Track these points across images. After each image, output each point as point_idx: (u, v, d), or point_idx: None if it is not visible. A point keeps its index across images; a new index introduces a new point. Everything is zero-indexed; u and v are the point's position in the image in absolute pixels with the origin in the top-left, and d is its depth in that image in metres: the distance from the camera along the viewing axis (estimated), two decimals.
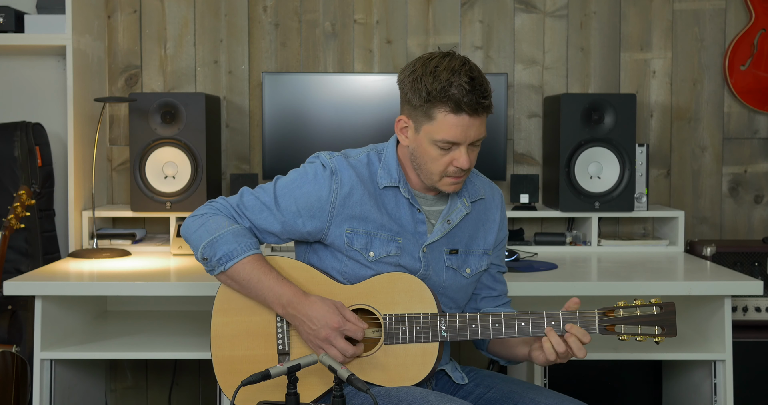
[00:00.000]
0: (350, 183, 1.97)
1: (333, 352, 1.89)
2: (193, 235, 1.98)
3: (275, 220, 1.99)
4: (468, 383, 2.08)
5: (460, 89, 1.85)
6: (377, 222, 1.98)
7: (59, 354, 2.58)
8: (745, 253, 3.07)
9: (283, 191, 1.99)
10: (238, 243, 1.94)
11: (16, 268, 3.03)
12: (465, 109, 1.86)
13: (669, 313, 1.90)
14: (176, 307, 3.15)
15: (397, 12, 3.39)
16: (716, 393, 2.63)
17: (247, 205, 2.00)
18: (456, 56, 1.91)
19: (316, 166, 2.00)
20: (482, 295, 2.13)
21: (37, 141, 3.12)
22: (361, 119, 3.16)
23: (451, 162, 1.92)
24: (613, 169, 3.12)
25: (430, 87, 1.87)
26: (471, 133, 1.89)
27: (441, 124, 1.88)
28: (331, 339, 1.88)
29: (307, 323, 1.90)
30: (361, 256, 1.97)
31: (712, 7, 3.41)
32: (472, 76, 1.86)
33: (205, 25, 3.39)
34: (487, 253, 2.09)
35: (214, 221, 1.97)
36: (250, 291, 1.95)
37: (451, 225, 2.03)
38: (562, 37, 3.42)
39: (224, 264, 1.94)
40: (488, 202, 2.11)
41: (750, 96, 3.38)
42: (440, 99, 1.86)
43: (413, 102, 1.91)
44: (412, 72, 1.91)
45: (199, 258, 1.97)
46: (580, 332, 1.86)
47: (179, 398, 3.41)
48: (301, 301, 1.91)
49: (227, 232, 1.95)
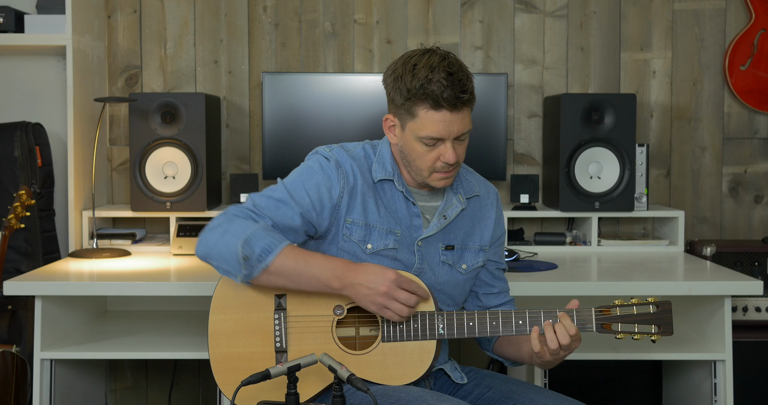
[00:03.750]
0: (353, 174, 1.99)
1: (397, 307, 1.86)
2: (216, 245, 1.90)
3: (294, 213, 1.95)
4: (467, 383, 2.09)
5: (439, 85, 1.86)
6: (375, 214, 1.99)
7: (59, 354, 2.58)
8: (745, 253, 3.07)
9: (293, 185, 1.97)
10: (272, 237, 1.89)
11: (16, 268, 3.03)
12: (444, 105, 1.87)
13: (665, 311, 1.90)
14: (176, 307, 3.15)
15: (397, 12, 3.39)
16: (716, 393, 2.63)
17: (262, 205, 1.96)
18: (436, 52, 1.92)
19: (319, 159, 2.00)
20: (481, 292, 2.13)
21: (37, 141, 3.12)
22: (361, 119, 3.16)
23: (438, 157, 1.93)
24: (613, 169, 3.12)
25: (409, 85, 1.88)
26: (454, 127, 1.90)
27: (423, 121, 1.90)
28: (391, 292, 1.86)
29: (365, 284, 1.86)
30: (359, 248, 1.98)
31: (712, 7, 3.41)
32: (450, 72, 1.87)
33: (205, 25, 3.39)
34: (483, 249, 2.09)
35: (238, 224, 1.91)
36: (300, 278, 1.90)
37: (447, 220, 2.03)
38: (562, 37, 3.42)
39: (265, 259, 1.87)
40: (483, 199, 2.12)
41: (750, 96, 3.38)
42: (420, 96, 1.88)
43: (396, 101, 1.93)
44: (393, 71, 1.94)
45: (239, 259, 1.87)
46: (568, 322, 1.86)
47: (179, 398, 3.41)
48: (356, 267, 1.89)
49: (258, 229, 1.90)
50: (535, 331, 1.88)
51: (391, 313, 1.88)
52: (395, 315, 1.88)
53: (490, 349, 2.14)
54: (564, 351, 1.87)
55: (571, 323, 1.86)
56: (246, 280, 1.92)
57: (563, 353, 1.88)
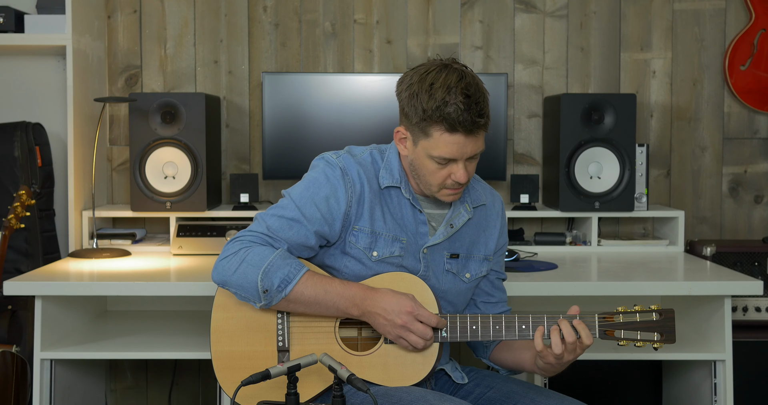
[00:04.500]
0: (360, 181, 1.97)
1: (413, 339, 1.88)
2: (234, 275, 1.89)
3: (308, 232, 1.94)
4: (468, 383, 2.08)
5: (455, 108, 1.83)
6: (381, 222, 1.98)
7: (59, 354, 2.58)
8: (745, 253, 3.07)
9: (303, 201, 1.95)
10: (289, 266, 1.88)
11: (16, 268, 3.03)
12: (460, 129, 1.85)
13: (668, 319, 1.90)
14: (176, 307, 3.15)
15: (397, 12, 3.39)
16: (716, 393, 2.63)
17: (275, 227, 1.94)
18: (453, 68, 1.88)
19: (325, 169, 1.98)
20: (479, 300, 2.12)
21: (37, 141, 3.12)
22: (361, 119, 3.16)
23: (449, 175, 1.92)
24: (613, 169, 3.12)
25: (425, 106, 1.85)
26: (468, 149, 1.88)
27: (437, 142, 1.88)
28: (408, 325, 1.87)
29: (382, 315, 1.88)
30: (364, 255, 1.97)
31: (712, 7, 3.41)
32: (467, 94, 1.84)
33: (205, 25, 3.39)
34: (488, 259, 2.09)
35: (255, 253, 1.89)
36: (319, 306, 1.90)
37: (454, 229, 2.03)
38: (562, 37, 3.42)
39: (284, 290, 1.87)
40: (489, 208, 2.11)
41: (750, 96, 3.39)
42: (435, 119, 1.85)
43: (410, 118, 1.90)
44: (409, 86, 1.89)
45: (259, 292, 1.87)
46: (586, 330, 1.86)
47: (179, 398, 3.41)
48: (374, 295, 1.89)
49: (276, 258, 1.88)
50: (539, 331, 1.88)
51: (407, 344, 1.90)
52: (410, 346, 1.90)
53: (487, 356, 2.13)
54: (569, 354, 1.85)
55: (589, 333, 1.85)
56: (265, 308, 1.92)
57: (568, 357, 1.86)
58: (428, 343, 1.90)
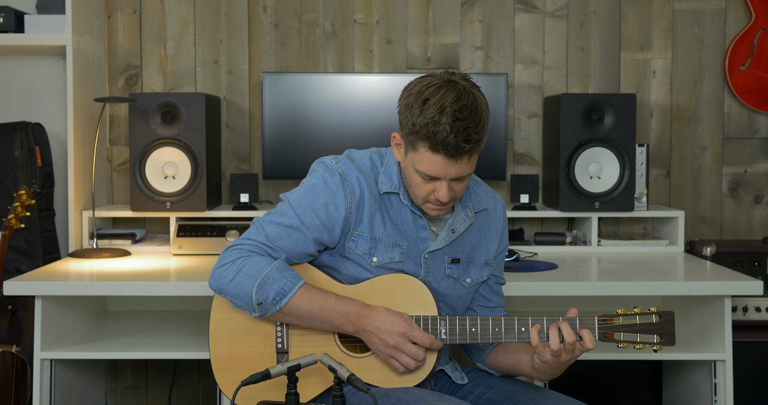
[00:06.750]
0: (359, 187, 1.96)
1: (404, 360, 1.87)
2: (231, 284, 1.89)
3: (307, 240, 1.93)
4: (468, 383, 2.08)
5: (442, 129, 1.80)
6: (381, 228, 1.97)
7: (59, 354, 2.58)
8: (745, 253, 3.07)
9: (301, 208, 1.94)
10: (285, 278, 1.88)
11: (16, 268, 3.03)
12: (441, 151, 1.82)
13: (668, 322, 1.89)
14: (176, 307, 3.15)
15: (397, 12, 3.39)
16: (716, 393, 2.63)
17: (273, 235, 1.93)
18: (454, 87, 1.83)
19: (324, 174, 1.97)
20: (477, 304, 2.12)
21: (37, 141, 3.12)
22: (361, 119, 3.16)
23: (433, 191, 1.90)
24: (613, 169, 3.12)
25: (415, 120, 1.83)
26: (451, 171, 1.86)
27: (422, 158, 1.86)
28: (400, 346, 1.86)
29: (375, 334, 1.87)
30: (364, 260, 1.97)
31: (712, 7, 3.41)
32: (458, 117, 1.79)
33: (205, 25, 3.39)
34: (489, 263, 2.08)
35: (253, 263, 1.89)
36: (313, 321, 1.90)
37: (456, 234, 2.02)
38: (562, 37, 3.42)
39: (278, 303, 1.87)
40: (491, 212, 2.10)
41: (750, 96, 3.38)
42: (422, 135, 1.83)
43: (403, 128, 1.89)
44: (407, 96, 1.88)
45: (254, 304, 1.88)
46: (590, 334, 1.86)
47: (179, 398, 3.41)
48: (369, 313, 1.88)
49: (272, 270, 1.88)
50: (536, 328, 1.87)
51: (398, 365, 1.89)
52: (401, 367, 1.89)
53: (482, 360, 2.12)
54: (567, 354, 1.85)
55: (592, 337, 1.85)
56: (260, 318, 1.93)
57: (565, 356, 1.85)
58: (420, 364, 1.89)
